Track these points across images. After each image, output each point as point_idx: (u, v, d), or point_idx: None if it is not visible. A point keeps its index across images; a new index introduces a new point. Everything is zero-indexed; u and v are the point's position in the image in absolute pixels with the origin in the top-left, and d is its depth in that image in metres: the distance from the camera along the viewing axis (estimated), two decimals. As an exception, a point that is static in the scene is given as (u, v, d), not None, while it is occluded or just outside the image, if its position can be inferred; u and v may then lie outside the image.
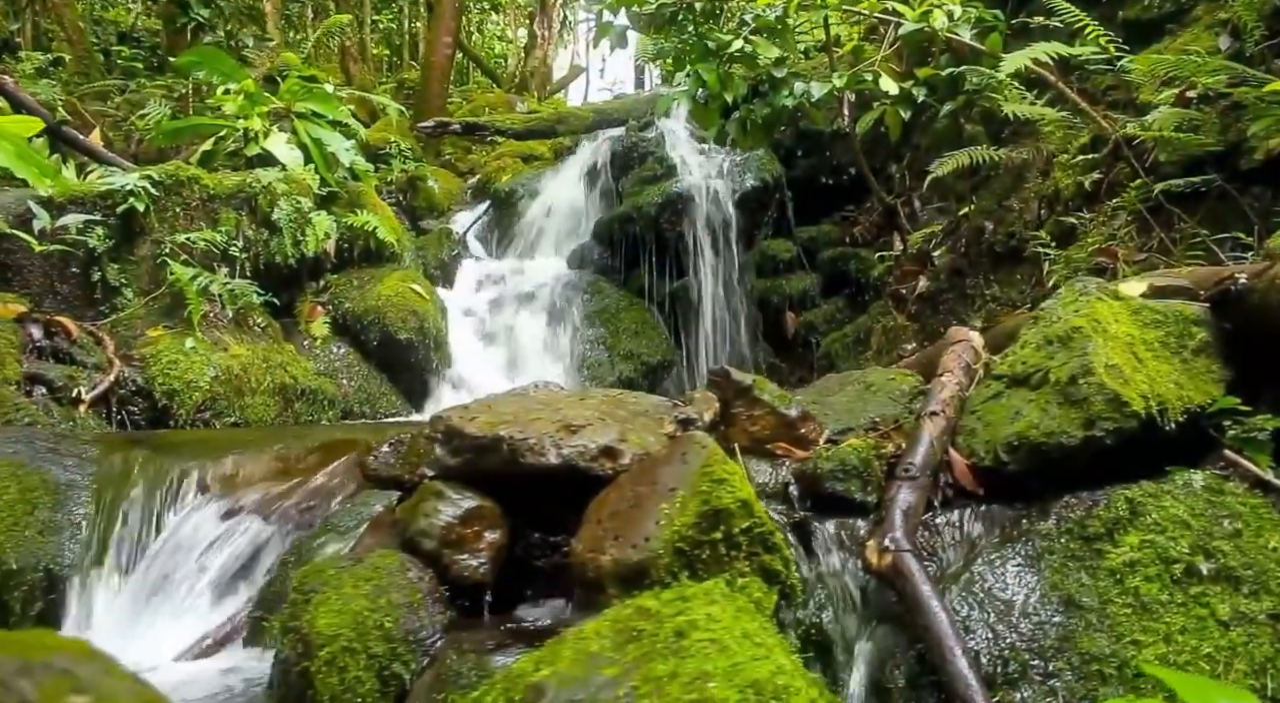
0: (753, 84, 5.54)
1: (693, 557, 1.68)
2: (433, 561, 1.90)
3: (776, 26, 5.15)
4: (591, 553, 1.74)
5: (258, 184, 5.38)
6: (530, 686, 1.43)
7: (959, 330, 2.34)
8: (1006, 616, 1.71)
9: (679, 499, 1.72)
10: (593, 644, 1.49)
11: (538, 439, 1.93)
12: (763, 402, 2.19)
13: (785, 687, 1.41)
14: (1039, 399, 1.93)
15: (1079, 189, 4.41)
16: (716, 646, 1.45)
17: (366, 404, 5.46)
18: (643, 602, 1.55)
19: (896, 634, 1.76)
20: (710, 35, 5.35)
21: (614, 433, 1.96)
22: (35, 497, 2.44)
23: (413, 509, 1.98)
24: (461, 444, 2.01)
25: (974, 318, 5.14)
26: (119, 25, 12.73)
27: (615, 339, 6.21)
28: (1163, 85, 4.25)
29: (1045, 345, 2.03)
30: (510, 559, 2.00)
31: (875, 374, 2.52)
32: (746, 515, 1.70)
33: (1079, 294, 2.12)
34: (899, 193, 6.54)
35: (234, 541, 2.41)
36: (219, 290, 5.03)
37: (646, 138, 7.24)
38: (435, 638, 1.78)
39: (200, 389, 4.61)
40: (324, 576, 1.80)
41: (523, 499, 2.03)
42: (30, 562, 2.34)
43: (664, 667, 1.43)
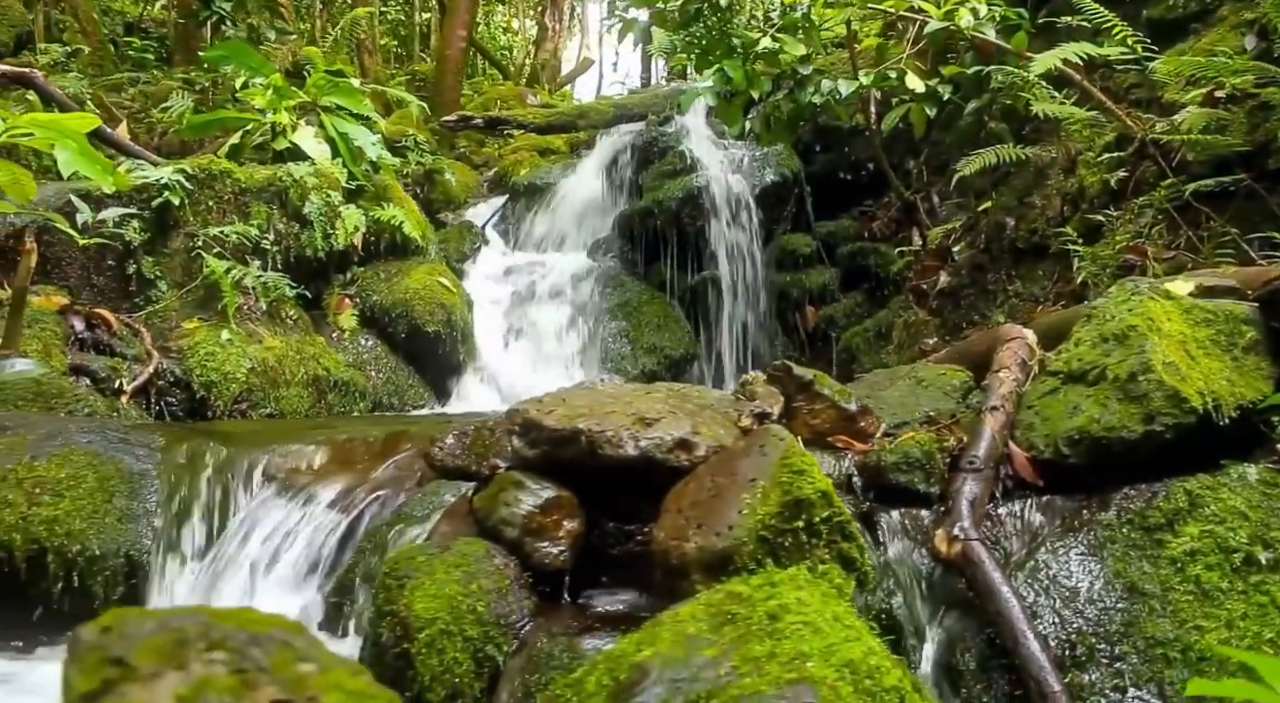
0: (775, 80, 5.61)
1: (775, 545, 1.76)
2: (515, 548, 1.98)
3: (804, 24, 5.21)
4: (675, 541, 1.82)
5: (289, 178, 5.44)
6: (634, 665, 1.51)
7: (1012, 328, 2.42)
8: (1072, 601, 1.79)
9: (760, 489, 1.80)
10: (690, 627, 1.57)
11: (615, 432, 2.01)
12: (823, 396, 2.27)
13: (877, 667, 1.49)
14: (1097, 395, 2.01)
15: (1104, 187, 4.48)
16: (810, 628, 1.53)
17: (395, 396, 5.53)
18: (733, 587, 1.63)
19: (965, 619, 1.84)
20: (737, 32, 5.41)
21: (687, 426, 2.04)
22: (112, 485, 2.52)
23: (492, 499, 2.06)
24: (539, 436, 2.08)
25: (996, 313, 5.23)
26: (125, 16, 12.74)
27: (637, 332, 6.29)
28: (1188, 85, 4.32)
29: (1101, 343, 2.11)
30: (586, 547, 2.08)
31: (925, 370, 2.60)
32: (826, 505, 1.78)
33: (1131, 293, 2.20)
34: (917, 188, 6.60)
35: (304, 529, 2.48)
36: (252, 283, 5.09)
37: (666, 133, 7.30)
38: (524, 622, 1.86)
39: (237, 381, 4.69)
40: (415, 562, 1.88)
41: (596, 489, 2.10)
42: (111, 548, 2.42)
43: (761, 648, 1.51)
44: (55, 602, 2.37)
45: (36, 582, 2.38)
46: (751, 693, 1.42)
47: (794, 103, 5.41)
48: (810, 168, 7.08)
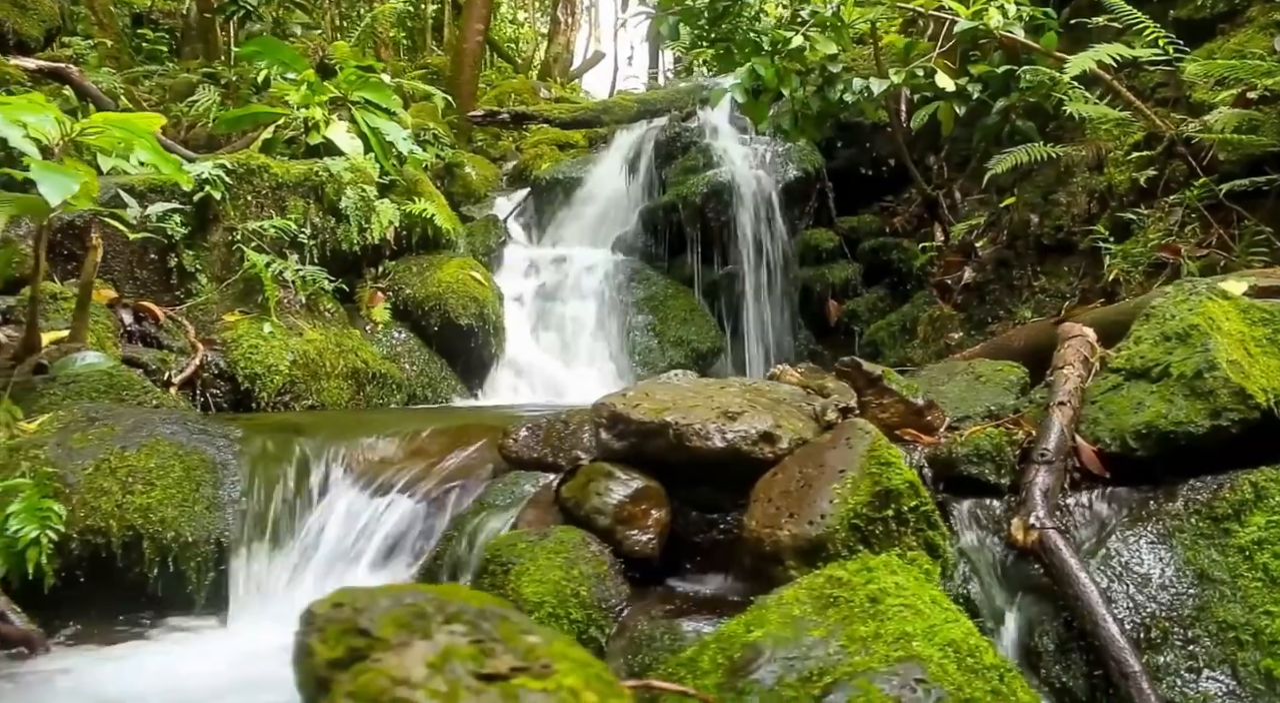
0: (801, 77, 5.68)
1: (867, 532, 1.86)
2: (607, 536, 2.07)
3: (835, 23, 5.29)
4: (768, 529, 1.91)
5: (324, 173, 5.52)
6: (747, 644, 1.61)
7: (1072, 326, 2.51)
8: (1144, 587, 1.89)
9: (850, 480, 1.89)
10: (795, 609, 1.67)
11: (701, 425, 2.10)
12: (892, 391, 2.36)
13: (976, 646, 1.59)
14: (1162, 391, 2.11)
15: (1133, 185, 4.57)
16: (911, 610, 1.63)
17: (429, 388, 5.62)
18: (833, 571, 1.73)
19: (1041, 604, 1.94)
20: (768, 31, 5.48)
21: (769, 420, 2.13)
22: (198, 475, 2.61)
23: (582, 489, 2.15)
24: (627, 429, 2.18)
25: (1022, 308, 5.33)
26: (132, 7, 12.75)
27: (664, 326, 6.38)
28: (1217, 85, 4.41)
29: (1163, 341, 2.20)
30: (670, 535, 2.17)
31: (983, 365, 2.69)
32: (914, 495, 1.88)
33: (1190, 294, 2.29)
34: (938, 184, 6.69)
35: (385, 517, 2.58)
36: (292, 277, 5.18)
37: (689, 128, 7.38)
38: (622, 606, 1.96)
39: (280, 373, 4.77)
40: (517, 548, 1.98)
41: (679, 480, 2.20)
42: (202, 535, 2.51)
43: (865, 628, 1.61)
44: (150, 586, 2.46)
45: (131, 567, 2.47)
46: (864, 670, 1.52)
47: (823, 100, 5.49)
48: (831, 163, 7.15)
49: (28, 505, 2.35)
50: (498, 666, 0.91)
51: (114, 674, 2.12)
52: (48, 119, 2.97)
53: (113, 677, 2.10)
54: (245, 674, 2.14)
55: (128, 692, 2.02)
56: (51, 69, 5.92)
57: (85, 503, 2.47)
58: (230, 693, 2.06)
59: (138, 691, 2.03)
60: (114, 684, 2.06)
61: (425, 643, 0.92)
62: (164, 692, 2.03)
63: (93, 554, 2.45)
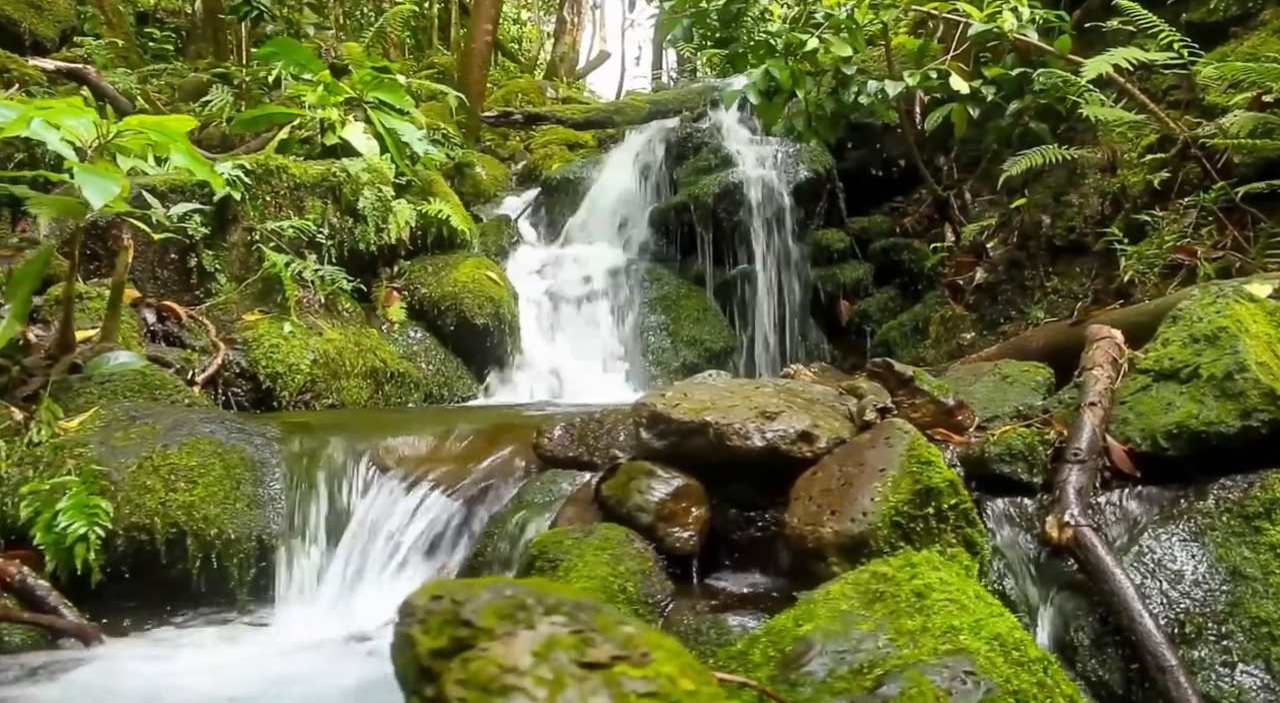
0: (815, 79, 5.73)
1: (908, 530, 1.91)
2: (649, 533, 2.12)
3: (850, 25, 5.33)
4: (810, 526, 1.96)
5: (342, 173, 5.56)
6: (797, 638, 1.66)
7: (1100, 328, 2.56)
8: (1178, 584, 1.94)
9: (890, 479, 1.94)
10: (843, 604, 1.72)
11: (741, 424, 2.15)
12: (923, 391, 2.41)
13: (1021, 640, 1.63)
14: (1191, 392, 2.16)
15: (1147, 187, 4.61)
16: (956, 604, 1.67)
17: (445, 387, 5.66)
18: (877, 567, 1.77)
19: (1076, 599, 1.99)
20: (783, 33, 5.52)
21: (807, 420, 2.17)
22: (238, 473, 2.65)
23: (623, 487, 2.20)
24: (667, 428, 2.22)
25: (1034, 309, 5.37)
26: (136, 5, 12.77)
27: (677, 326, 6.42)
28: (1230, 88, 4.46)
29: (1191, 343, 2.25)
30: (709, 533, 2.22)
31: (1009, 366, 2.74)
32: (954, 493, 1.93)
33: (1216, 297, 2.34)
34: (948, 185, 6.73)
35: (423, 515, 2.62)
36: (311, 277, 5.22)
37: (701, 129, 7.42)
38: (666, 601, 2.00)
39: (301, 372, 4.81)
40: (563, 545, 2.02)
41: (718, 478, 2.25)
42: (244, 532, 2.56)
43: (912, 622, 1.65)
44: (194, 582, 2.51)
45: (175, 563, 2.51)
46: (914, 663, 1.57)
47: (837, 102, 5.53)
48: (842, 164, 7.20)
49: (76, 502, 2.39)
50: (598, 655, 0.96)
51: (165, 668, 2.16)
52: (85, 122, 3.00)
53: (164, 670, 2.15)
54: (292, 668, 2.18)
55: (179, 684, 2.06)
56: (69, 70, 5.96)
57: (130, 500, 2.51)
58: (278, 686, 2.10)
59: (189, 683, 2.07)
60: (166, 677, 2.10)
61: (529, 633, 0.96)
62: (214, 685, 2.07)
63: (137, 550, 2.50)
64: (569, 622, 0.99)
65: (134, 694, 2.08)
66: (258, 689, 2.13)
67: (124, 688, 2.10)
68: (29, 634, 2.26)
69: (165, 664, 2.25)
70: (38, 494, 2.44)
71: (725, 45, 6.80)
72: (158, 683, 2.13)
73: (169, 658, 2.29)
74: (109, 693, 2.07)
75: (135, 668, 2.20)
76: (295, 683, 2.13)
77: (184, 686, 2.15)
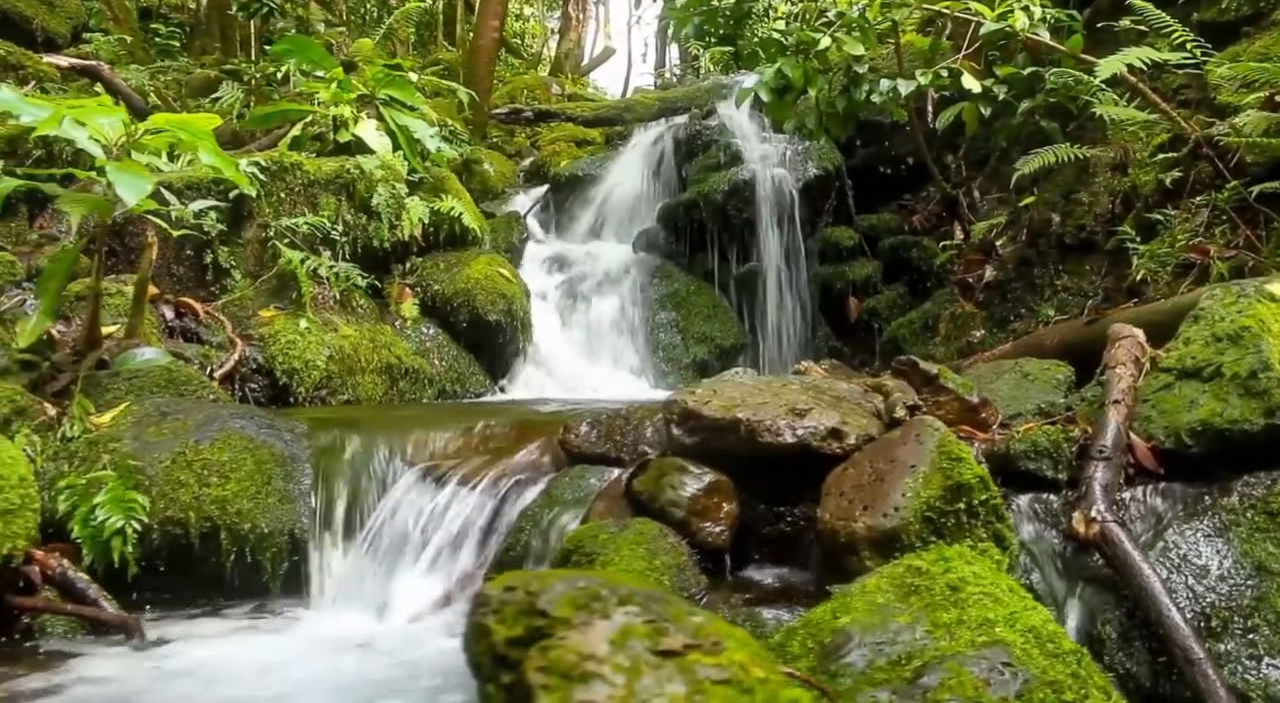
0: (826, 77, 5.76)
1: (940, 525, 1.95)
2: (681, 528, 2.16)
3: (862, 24, 5.36)
4: (842, 521, 1.99)
5: (356, 170, 5.59)
6: (836, 630, 1.70)
7: (1122, 327, 2.59)
8: (1203, 578, 1.98)
9: (921, 475, 1.98)
10: (879, 597, 1.75)
11: (772, 421, 2.18)
12: (948, 389, 2.44)
13: (1054, 633, 1.67)
14: (1214, 391, 2.19)
15: (1158, 186, 4.65)
16: (990, 598, 1.71)
17: (457, 383, 5.69)
18: (912, 561, 1.81)
19: (1103, 594, 2.02)
20: (793, 31, 5.55)
21: (836, 417, 2.21)
22: (269, 468, 2.69)
23: (655, 483, 2.24)
24: (699, 425, 2.26)
25: (1044, 307, 5.41)
26: (140, 1, 12.77)
27: (688, 322, 6.46)
28: (1242, 88, 4.49)
29: (1213, 342, 2.28)
30: (739, 527, 2.25)
31: (1030, 365, 2.77)
32: (984, 489, 1.96)
33: (1237, 296, 2.37)
34: (956, 183, 6.76)
35: (452, 510, 2.65)
36: (326, 273, 5.25)
37: (710, 126, 7.45)
38: (701, 595, 2.04)
39: (318, 368, 4.85)
40: (599, 540, 2.06)
41: (747, 474, 2.28)
42: (277, 527, 2.60)
43: (948, 615, 1.69)
44: (228, 575, 2.54)
45: (209, 556, 2.55)
46: (952, 654, 1.60)
47: (849, 100, 5.56)
48: (850, 162, 7.23)
49: (113, 496, 2.43)
50: (672, 643, 1.00)
51: (205, 660, 2.20)
52: (113, 121, 3.03)
53: (203, 662, 2.18)
54: (328, 661, 2.22)
55: (220, 677, 2.09)
56: (83, 67, 5.98)
57: (164, 495, 2.55)
58: (316, 678, 2.14)
59: (229, 676, 2.10)
60: (206, 669, 2.13)
61: (605, 623, 1.00)
62: (254, 677, 2.10)
63: (172, 544, 2.53)
64: (642, 612, 1.03)
65: (178, 686, 2.10)
66: (296, 682, 2.16)
67: (168, 680, 2.13)
68: (71, 625, 2.30)
69: (205, 657, 2.28)
70: (74, 488, 2.48)
71: (730, 42, 6.83)
72: (199, 675, 2.16)
73: (208, 651, 2.31)
74: (155, 684, 2.10)
75: (175, 660, 2.23)
76: (333, 675, 2.16)
77: (225, 678, 2.18)
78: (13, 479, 2.14)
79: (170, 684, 2.01)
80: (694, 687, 0.95)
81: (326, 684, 2.10)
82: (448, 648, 2.27)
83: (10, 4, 6.81)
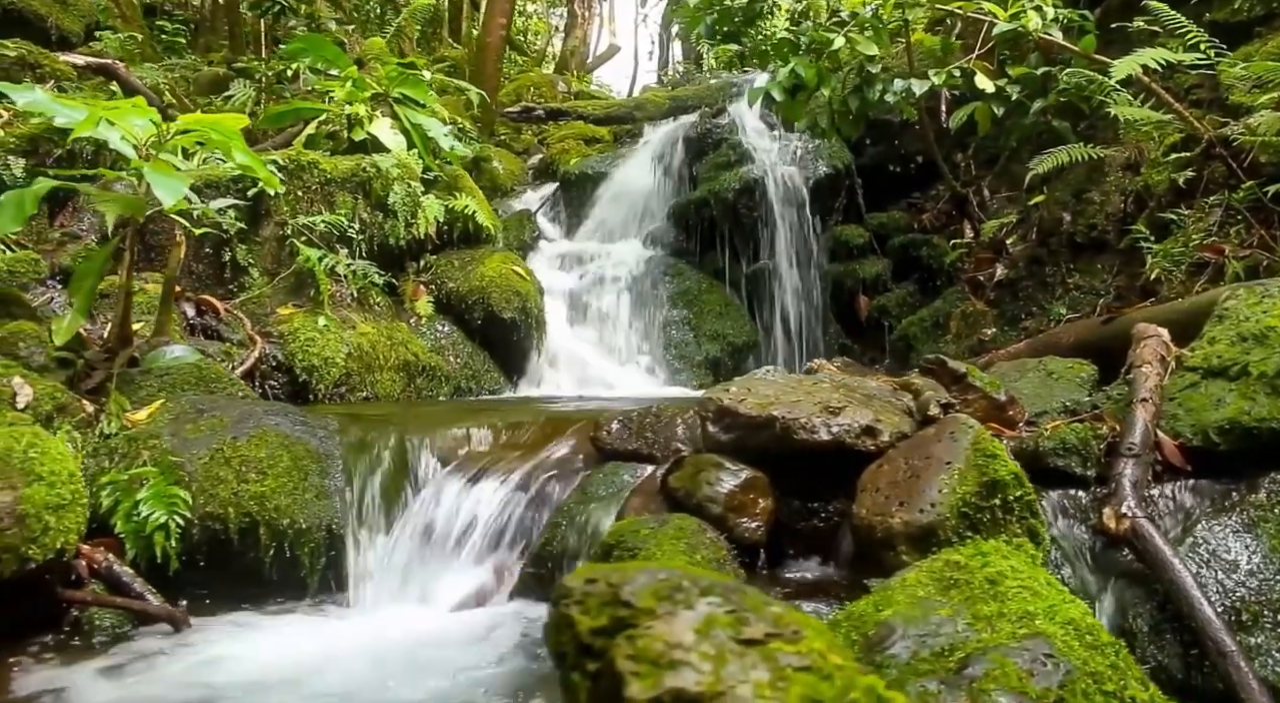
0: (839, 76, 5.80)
1: (975, 520, 1.99)
2: (719, 523, 2.20)
3: (875, 24, 5.39)
4: (879, 516, 2.04)
5: (372, 168, 5.62)
6: (879, 623, 1.74)
7: (1147, 327, 2.63)
8: (1233, 573, 2.02)
9: (957, 471, 2.02)
10: (919, 591, 1.80)
11: (807, 419, 2.22)
12: (976, 387, 2.48)
13: (1093, 625, 1.72)
14: (1241, 389, 2.24)
15: (1171, 186, 4.68)
16: (1029, 591, 1.75)
17: (473, 381, 5.73)
18: (949, 556, 1.85)
19: (1133, 587, 2.07)
20: (807, 32, 5.59)
21: (870, 414, 2.25)
22: (304, 465, 2.73)
23: (692, 479, 2.28)
24: (734, 422, 2.30)
25: (1056, 305, 5.45)
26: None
27: (700, 320, 6.50)
28: (1255, 88, 4.53)
29: (1239, 342, 2.33)
30: (774, 523, 2.30)
31: (1054, 363, 2.82)
32: (1018, 485, 2.01)
33: (1262, 296, 2.41)
34: (966, 181, 6.80)
35: (485, 505, 2.70)
36: (343, 271, 5.29)
37: (720, 124, 7.48)
38: (740, 588, 2.08)
39: (337, 365, 4.89)
40: (640, 534, 2.10)
41: (781, 471, 2.32)
42: (315, 522, 2.64)
43: (988, 608, 1.73)
44: (266, 570, 2.58)
45: (247, 551, 2.59)
46: (995, 646, 1.65)
47: (862, 99, 5.60)
48: (860, 160, 7.27)
49: (156, 492, 2.47)
50: (753, 632, 1.03)
51: (253, 651, 2.24)
52: (144, 122, 3.07)
53: (252, 653, 2.22)
54: (371, 654, 2.26)
55: (274, 667, 2.13)
56: (99, 65, 6.01)
57: (204, 490, 2.59)
58: (364, 672, 2.18)
59: (282, 666, 2.14)
60: (256, 660, 2.17)
61: (689, 613, 1.04)
62: (310, 668, 2.14)
63: (211, 539, 2.58)
64: (723, 602, 1.06)
65: (231, 677, 2.13)
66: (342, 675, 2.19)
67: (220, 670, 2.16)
68: (118, 618, 2.34)
69: (252, 649, 2.31)
70: (117, 484, 2.52)
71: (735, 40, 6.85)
72: (250, 666, 2.18)
73: (254, 643, 2.35)
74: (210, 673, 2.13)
75: (223, 651, 2.27)
76: (381, 665, 2.20)
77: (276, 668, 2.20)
78: (63, 475, 2.18)
79: (224, 674, 2.05)
80: (777, 673, 0.99)
81: (385, 674, 2.13)
82: (494, 638, 2.31)
83: (25, 2, 6.84)
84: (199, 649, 2.22)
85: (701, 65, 14.92)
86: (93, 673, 2.04)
